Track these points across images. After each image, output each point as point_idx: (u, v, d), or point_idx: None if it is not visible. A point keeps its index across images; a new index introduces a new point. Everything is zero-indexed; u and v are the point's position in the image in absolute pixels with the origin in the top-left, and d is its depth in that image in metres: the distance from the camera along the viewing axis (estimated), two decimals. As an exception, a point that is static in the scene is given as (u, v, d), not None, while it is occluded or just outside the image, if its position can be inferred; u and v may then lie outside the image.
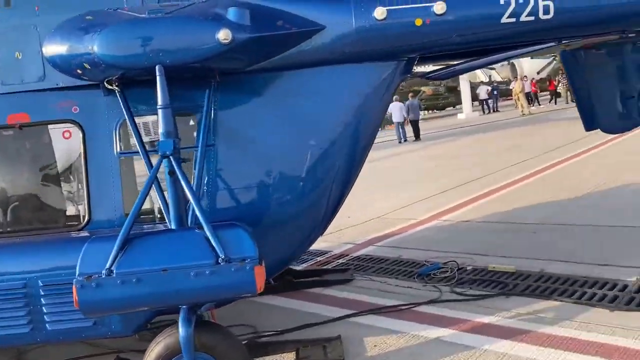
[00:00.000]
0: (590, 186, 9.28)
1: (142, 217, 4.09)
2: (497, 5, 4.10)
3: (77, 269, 3.33)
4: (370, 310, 5.19)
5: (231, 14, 3.72)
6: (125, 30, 3.69)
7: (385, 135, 25.80)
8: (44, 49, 3.87)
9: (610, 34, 4.61)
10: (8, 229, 4.43)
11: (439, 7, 4.02)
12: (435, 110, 40.74)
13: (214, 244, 3.34)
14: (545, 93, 38.71)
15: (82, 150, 4.11)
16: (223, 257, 3.29)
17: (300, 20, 4.07)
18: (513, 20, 4.13)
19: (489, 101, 35.68)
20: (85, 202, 4.07)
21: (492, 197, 9.71)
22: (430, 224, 8.30)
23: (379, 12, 4.04)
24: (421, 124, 25.30)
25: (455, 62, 5.10)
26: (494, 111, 35.00)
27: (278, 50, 4.05)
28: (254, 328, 5.08)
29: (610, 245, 6.14)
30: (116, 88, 3.93)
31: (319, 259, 7.20)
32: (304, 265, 7.00)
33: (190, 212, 3.80)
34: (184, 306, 3.52)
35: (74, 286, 3.25)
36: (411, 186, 11.97)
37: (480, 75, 42.96)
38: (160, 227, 4.14)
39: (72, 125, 4.21)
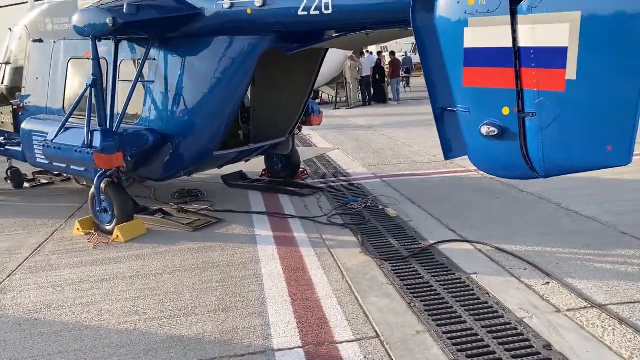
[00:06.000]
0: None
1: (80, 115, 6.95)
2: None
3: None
4: (268, 213, 7.26)
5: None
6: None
7: None
8: None
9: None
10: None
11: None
12: None
13: (86, 137, 6.27)
14: None
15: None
16: (85, 144, 6.23)
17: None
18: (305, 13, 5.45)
19: None
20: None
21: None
22: (461, 175, 8.95)
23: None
24: None
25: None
26: None
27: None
28: (210, 202, 7.81)
29: (524, 225, 6.39)
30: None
31: (333, 179, 9.09)
32: (316, 180, 9.03)
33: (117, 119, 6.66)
34: (99, 170, 6.58)
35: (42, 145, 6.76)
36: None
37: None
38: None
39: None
